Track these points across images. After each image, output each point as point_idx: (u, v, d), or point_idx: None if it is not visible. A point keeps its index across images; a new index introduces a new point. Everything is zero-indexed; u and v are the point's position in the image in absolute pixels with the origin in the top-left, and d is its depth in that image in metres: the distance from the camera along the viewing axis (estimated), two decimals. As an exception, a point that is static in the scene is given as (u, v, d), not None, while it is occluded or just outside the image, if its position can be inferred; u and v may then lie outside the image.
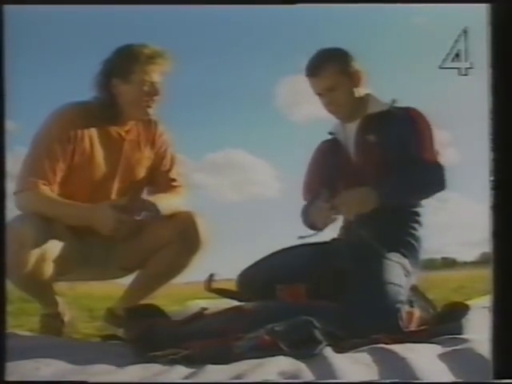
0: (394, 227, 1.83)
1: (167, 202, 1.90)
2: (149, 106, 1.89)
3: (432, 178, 1.80)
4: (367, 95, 1.94)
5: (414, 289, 1.82)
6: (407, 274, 1.76)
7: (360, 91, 1.91)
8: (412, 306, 1.73)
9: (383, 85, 2.08)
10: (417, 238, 1.85)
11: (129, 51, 1.86)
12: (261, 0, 1.49)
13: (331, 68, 1.87)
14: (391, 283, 1.65)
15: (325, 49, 1.92)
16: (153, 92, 1.87)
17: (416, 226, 1.86)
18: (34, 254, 1.71)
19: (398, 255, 1.78)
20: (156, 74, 1.87)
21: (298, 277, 1.73)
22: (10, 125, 1.36)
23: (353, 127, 1.92)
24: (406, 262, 1.78)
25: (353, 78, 1.90)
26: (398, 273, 1.71)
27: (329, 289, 1.73)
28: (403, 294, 1.67)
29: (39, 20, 1.80)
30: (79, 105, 1.89)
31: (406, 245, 1.83)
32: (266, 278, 1.82)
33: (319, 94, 1.91)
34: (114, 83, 1.87)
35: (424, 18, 1.99)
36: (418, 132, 1.82)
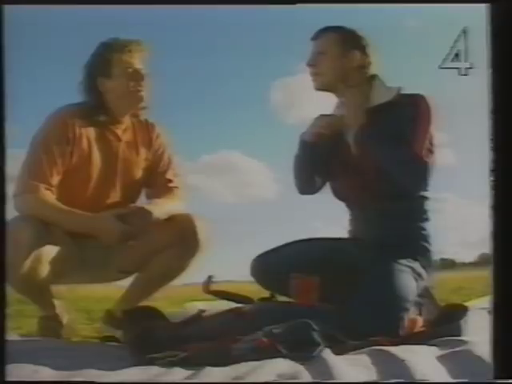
0: (403, 228, 1.80)
1: (166, 207, 1.89)
2: (139, 92, 1.88)
3: (413, 179, 1.74)
4: (372, 80, 1.85)
5: (426, 291, 1.79)
6: (418, 277, 1.72)
7: (366, 70, 1.83)
8: (420, 309, 1.72)
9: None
10: (427, 239, 1.81)
11: (103, 47, 1.87)
12: (261, 0, 1.49)
13: (332, 34, 1.82)
14: (397, 289, 1.61)
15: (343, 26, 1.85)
16: (138, 78, 1.86)
17: (425, 224, 1.82)
18: (30, 255, 1.69)
19: (408, 258, 1.73)
20: (136, 61, 1.86)
21: (312, 268, 1.71)
22: (9, 126, 1.35)
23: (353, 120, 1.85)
24: (416, 265, 1.74)
25: (355, 54, 1.81)
26: (407, 278, 1.67)
27: (340, 286, 1.71)
28: (409, 299, 1.63)
29: (39, 20, 1.79)
30: (77, 106, 1.88)
31: (417, 246, 1.79)
32: (281, 265, 1.83)
33: (310, 65, 1.84)
34: (99, 82, 1.87)
35: (424, 17, 1.99)
36: (415, 126, 1.74)
